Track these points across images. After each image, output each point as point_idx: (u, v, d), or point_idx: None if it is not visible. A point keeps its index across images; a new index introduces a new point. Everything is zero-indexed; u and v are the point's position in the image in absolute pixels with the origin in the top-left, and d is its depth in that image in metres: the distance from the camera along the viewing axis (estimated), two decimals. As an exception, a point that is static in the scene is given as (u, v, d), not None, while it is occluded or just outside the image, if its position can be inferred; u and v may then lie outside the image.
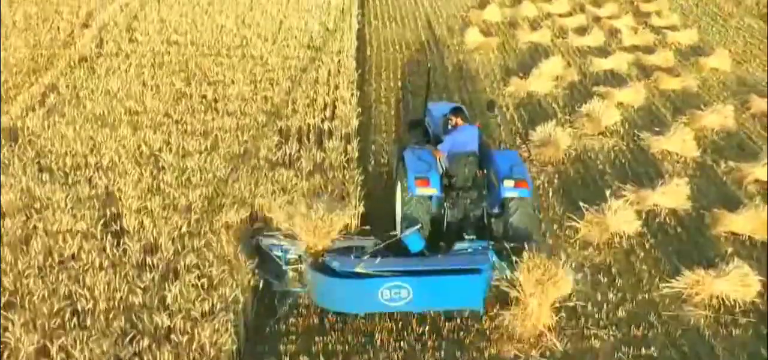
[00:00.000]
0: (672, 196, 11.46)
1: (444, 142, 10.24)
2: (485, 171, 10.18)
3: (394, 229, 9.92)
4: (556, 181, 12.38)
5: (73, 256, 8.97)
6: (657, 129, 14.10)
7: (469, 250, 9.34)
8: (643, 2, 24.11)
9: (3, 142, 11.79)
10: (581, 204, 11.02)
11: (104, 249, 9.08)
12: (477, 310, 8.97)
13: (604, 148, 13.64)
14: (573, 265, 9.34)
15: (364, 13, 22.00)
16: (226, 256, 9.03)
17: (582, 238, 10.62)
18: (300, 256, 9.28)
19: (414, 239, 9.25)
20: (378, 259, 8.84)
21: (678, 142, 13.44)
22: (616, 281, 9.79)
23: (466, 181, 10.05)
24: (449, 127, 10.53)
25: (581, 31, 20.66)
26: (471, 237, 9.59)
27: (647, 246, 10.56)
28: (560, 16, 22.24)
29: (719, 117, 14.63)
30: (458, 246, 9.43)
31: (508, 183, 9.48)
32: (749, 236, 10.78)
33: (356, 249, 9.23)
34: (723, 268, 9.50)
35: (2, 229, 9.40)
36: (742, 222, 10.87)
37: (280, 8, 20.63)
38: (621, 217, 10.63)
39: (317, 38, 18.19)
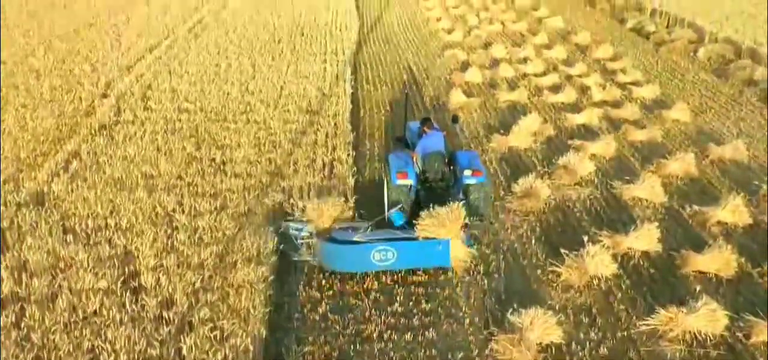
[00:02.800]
0: (644, 239, 11.42)
1: (417, 145, 12.36)
2: (451, 167, 12.22)
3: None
4: (538, 229, 12.32)
5: (95, 312, 8.88)
6: (627, 177, 14.13)
7: None
8: (609, 61, 24.39)
9: (30, 206, 11.72)
10: (562, 250, 11.01)
11: (124, 305, 9.01)
12: (446, 267, 10.59)
13: (581, 197, 13.59)
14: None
15: (356, 78, 22.07)
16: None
17: (564, 282, 10.56)
18: (311, 233, 10.99)
19: (397, 216, 11.35)
20: (370, 231, 10.79)
21: (647, 189, 13.45)
22: (597, 321, 9.73)
23: (436, 174, 12.16)
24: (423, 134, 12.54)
25: (555, 89, 20.82)
26: None
27: (624, 287, 10.50)
28: (535, 75, 22.42)
29: (682, 164, 14.67)
30: None
31: (467, 172, 11.70)
32: (715, 274, 10.74)
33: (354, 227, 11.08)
34: (693, 305, 9.44)
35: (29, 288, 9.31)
36: (708, 261, 10.84)
37: (279, 76, 20.72)
38: (598, 260, 10.59)
39: (315, 103, 18.22)
